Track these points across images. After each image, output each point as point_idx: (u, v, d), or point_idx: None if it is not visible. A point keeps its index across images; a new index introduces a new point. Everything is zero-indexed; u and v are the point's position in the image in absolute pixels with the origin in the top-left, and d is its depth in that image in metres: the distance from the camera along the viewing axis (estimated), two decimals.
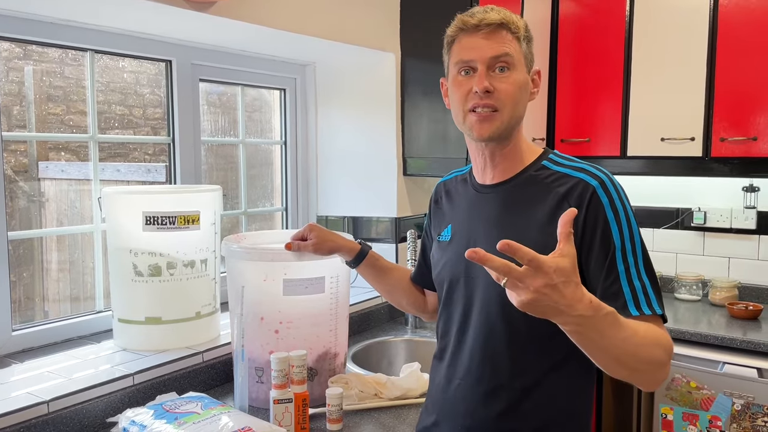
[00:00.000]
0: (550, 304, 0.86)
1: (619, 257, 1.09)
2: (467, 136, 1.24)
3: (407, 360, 2.26)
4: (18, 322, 1.83)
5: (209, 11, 1.79)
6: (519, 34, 1.20)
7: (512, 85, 1.17)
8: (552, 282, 0.84)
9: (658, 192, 3.04)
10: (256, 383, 1.66)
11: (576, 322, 0.89)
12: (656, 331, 1.03)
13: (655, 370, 1.02)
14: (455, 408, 1.24)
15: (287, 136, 2.69)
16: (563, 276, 0.85)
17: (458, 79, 1.21)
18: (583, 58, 2.86)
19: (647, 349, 0.98)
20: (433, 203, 1.44)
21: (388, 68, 2.54)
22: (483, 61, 1.17)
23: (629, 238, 1.11)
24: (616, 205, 1.12)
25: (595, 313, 0.89)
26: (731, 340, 2.31)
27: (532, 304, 0.86)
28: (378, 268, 1.56)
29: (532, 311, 0.87)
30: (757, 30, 2.45)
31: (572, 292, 0.86)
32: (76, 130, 2.03)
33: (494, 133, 1.18)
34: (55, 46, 1.89)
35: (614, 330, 0.93)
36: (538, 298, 0.85)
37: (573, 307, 0.87)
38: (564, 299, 0.86)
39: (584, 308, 0.88)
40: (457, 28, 1.21)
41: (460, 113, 1.21)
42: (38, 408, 1.41)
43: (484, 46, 1.17)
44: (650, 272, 1.11)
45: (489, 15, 1.17)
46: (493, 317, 1.18)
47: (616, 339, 0.93)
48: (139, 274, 1.74)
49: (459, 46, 1.20)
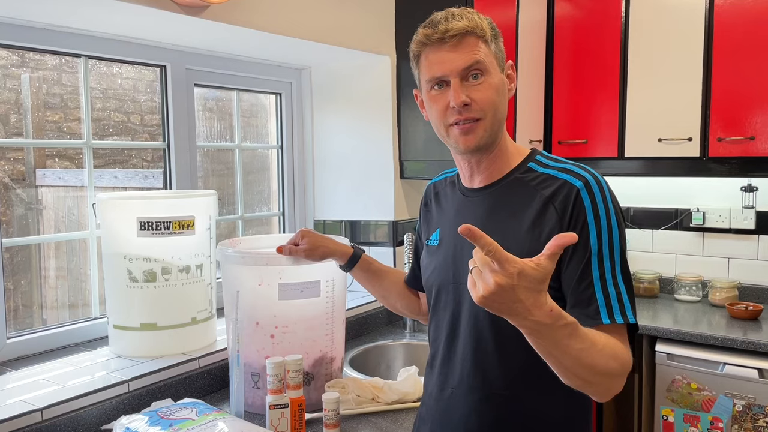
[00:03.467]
0: (507, 303, 0.84)
1: (595, 262, 1.07)
2: (452, 148, 1.21)
3: (406, 364, 2.24)
4: (16, 330, 1.82)
5: (202, 15, 1.79)
6: (486, 37, 1.14)
7: (489, 90, 1.14)
8: (511, 283, 0.83)
9: (656, 193, 3.03)
10: (252, 389, 1.65)
11: (532, 327, 0.88)
12: (616, 344, 1.00)
13: (608, 383, 1.00)
14: (449, 416, 1.22)
15: (283, 141, 2.69)
16: (525, 281, 0.83)
17: (432, 94, 1.17)
18: (580, 59, 2.86)
19: (603, 361, 0.96)
20: (423, 206, 1.43)
21: (383, 71, 2.54)
22: (455, 74, 1.12)
23: (608, 242, 1.08)
24: (599, 207, 1.09)
25: (553, 322, 0.88)
26: (731, 341, 2.29)
27: (488, 299, 0.84)
28: (372, 272, 1.56)
29: (488, 307, 0.85)
30: (753, 30, 2.45)
31: (533, 298, 0.85)
32: (73, 137, 2.03)
33: (480, 142, 1.15)
34: (48, 52, 1.89)
35: (571, 341, 0.91)
36: (495, 293, 0.83)
37: (530, 312, 0.85)
38: (521, 303, 0.84)
39: (542, 316, 0.86)
40: (420, 42, 1.16)
41: (442, 128, 1.18)
42: (32, 416, 1.40)
43: (454, 58, 1.12)
44: (626, 279, 1.08)
45: (452, 24, 1.12)
46: (481, 323, 1.17)
47: (572, 349, 0.92)
48: (134, 279, 1.73)
49: (427, 62, 1.16)
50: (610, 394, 1.02)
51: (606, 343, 0.98)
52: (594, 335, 0.96)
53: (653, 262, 3.04)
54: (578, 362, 0.93)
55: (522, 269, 0.83)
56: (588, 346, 0.94)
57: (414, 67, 1.23)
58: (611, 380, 1.00)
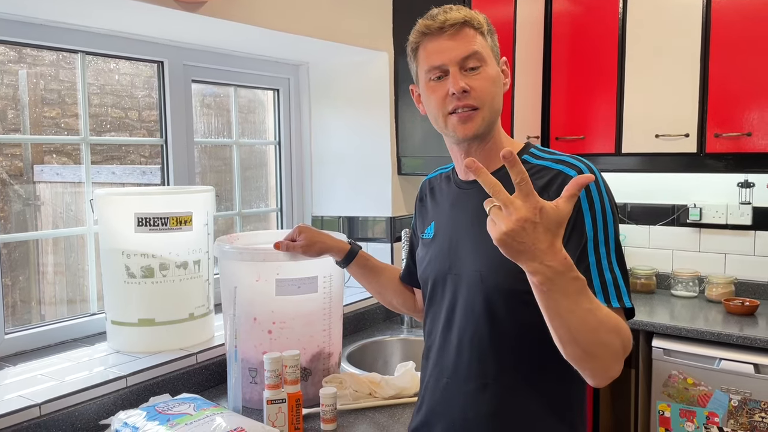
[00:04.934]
0: (526, 243, 0.85)
1: (591, 248, 1.08)
2: (449, 138, 1.23)
3: (403, 359, 2.25)
4: (14, 326, 1.82)
5: (199, 11, 1.79)
6: (483, 29, 1.19)
7: (486, 80, 1.17)
8: (534, 219, 0.83)
9: (653, 189, 3.04)
10: (249, 384, 1.66)
11: (545, 273, 0.87)
12: (618, 319, 1.00)
13: (609, 359, 0.98)
14: (445, 407, 1.23)
15: (281, 137, 2.69)
16: (546, 219, 0.84)
17: (430, 84, 1.19)
18: (577, 55, 2.86)
19: (606, 333, 0.96)
20: (418, 201, 1.44)
21: (381, 67, 2.54)
22: (454, 63, 1.15)
23: (602, 229, 1.09)
24: (593, 195, 1.10)
25: (566, 270, 0.88)
26: (728, 336, 2.30)
27: (508, 236, 0.84)
28: (368, 268, 1.56)
29: (506, 247, 0.86)
30: (750, 26, 2.45)
31: (551, 240, 0.85)
32: (70, 133, 2.03)
33: (477, 131, 1.17)
34: (45, 48, 1.89)
35: (581, 297, 0.91)
36: (516, 231, 0.84)
37: (547, 255, 0.86)
38: (541, 243, 0.85)
39: (558, 262, 0.87)
40: (420, 33, 1.19)
41: (440, 117, 1.19)
42: (30, 411, 1.40)
43: (453, 47, 1.16)
44: (622, 265, 1.10)
45: (451, 14, 1.16)
46: (477, 314, 1.18)
47: (579, 308, 0.91)
48: (132, 275, 1.74)
49: (426, 52, 1.19)
50: (608, 376, 1.00)
51: (609, 313, 0.98)
52: (599, 303, 0.97)
53: (650, 257, 3.05)
54: (584, 324, 0.92)
55: (543, 206, 0.84)
56: (595, 307, 0.93)
57: (412, 60, 1.25)
58: (612, 357, 0.98)
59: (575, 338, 0.94)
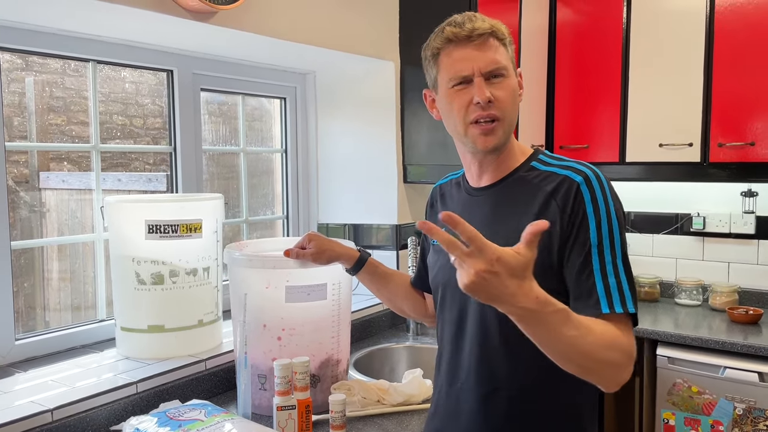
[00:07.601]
0: (491, 292, 0.87)
1: (595, 254, 1.09)
2: (467, 147, 1.23)
3: (409, 366, 2.26)
4: (20, 332, 1.83)
5: (210, 21, 1.81)
6: (505, 41, 1.20)
7: (508, 91, 1.18)
8: (493, 269, 0.85)
9: (657, 198, 3.05)
10: (259, 390, 1.67)
11: (519, 314, 0.90)
12: (614, 332, 1.02)
13: (610, 372, 1.01)
14: (457, 411, 1.25)
15: (288, 145, 2.71)
16: (506, 267, 0.86)
17: (453, 91, 1.19)
18: (581, 64, 2.88)
19: (602, 351, 0.98)
20: (429, 207, 1.46)
21: (387, 76, 2.56)
22: (480, 73, 1.16)
23: (608, 234, 1.10)
24: (598, 200, 1.11)
25: (540, 308, 0.90)
26: (732, 345, 2.31)
27: (472, 287, 0.86)
28: (378, 275, 1.57)
29: (475, 295, 0.88)
30: (754, 35, 2.47)
31: (516, 285, 0.87)
32: (77, 140, 2.04)
33: (497, 144, 1.19)
34: (57, 57, 1.91)
35: (564, 327, 0.93)
36: (478, 282, 0.86)
37: (516, 298, 0.88)
38: (507, 288, 0.87)
39: (528, 302, 0.89)
40: (445, 39, 1.18)
41: (461, 125, 1.20)
42: (42, 416, 1.41)
43: (478, 57, 1.16)
44: (627, 270, 1.11)
45: (478, 24, 1.16)
46: (487, 319, 1.19)
47: (564, 336, 0.93)
48: (142, 282, 1.75)
49: (450, 59, 1.18)
50: (617, 383, 1.03)
51: (604, 331, 1.00)
52: (590, 323, 0.98)
53: (654, 266, 3.06)
54: (574, 349, 0.95)
55: (501, 255, 0.86)
56: (583, 333, 0.95)
57: (431, 65, 1.24)
58: (614, 369, 1.01)
59: (569, 360, 0.98)
